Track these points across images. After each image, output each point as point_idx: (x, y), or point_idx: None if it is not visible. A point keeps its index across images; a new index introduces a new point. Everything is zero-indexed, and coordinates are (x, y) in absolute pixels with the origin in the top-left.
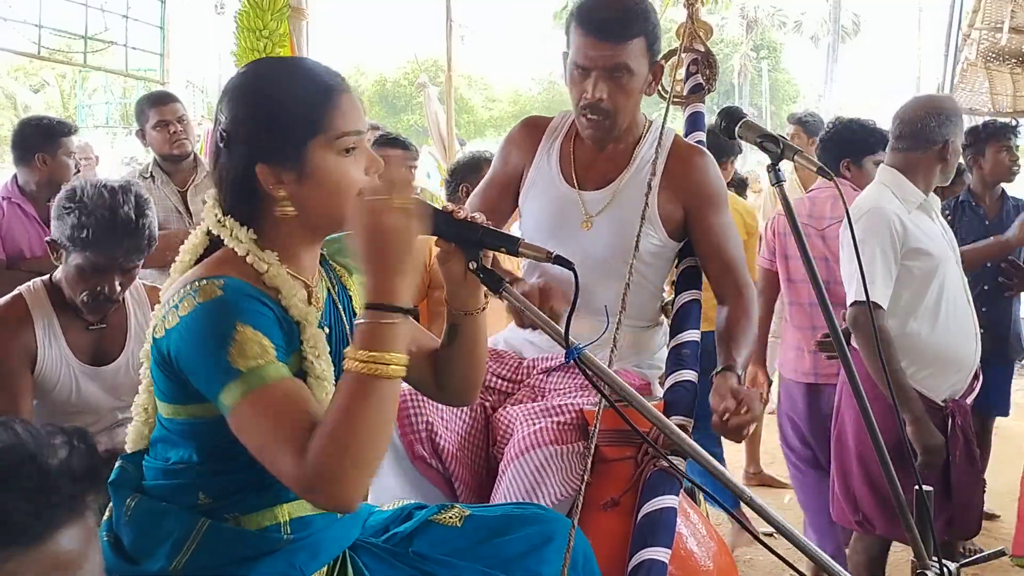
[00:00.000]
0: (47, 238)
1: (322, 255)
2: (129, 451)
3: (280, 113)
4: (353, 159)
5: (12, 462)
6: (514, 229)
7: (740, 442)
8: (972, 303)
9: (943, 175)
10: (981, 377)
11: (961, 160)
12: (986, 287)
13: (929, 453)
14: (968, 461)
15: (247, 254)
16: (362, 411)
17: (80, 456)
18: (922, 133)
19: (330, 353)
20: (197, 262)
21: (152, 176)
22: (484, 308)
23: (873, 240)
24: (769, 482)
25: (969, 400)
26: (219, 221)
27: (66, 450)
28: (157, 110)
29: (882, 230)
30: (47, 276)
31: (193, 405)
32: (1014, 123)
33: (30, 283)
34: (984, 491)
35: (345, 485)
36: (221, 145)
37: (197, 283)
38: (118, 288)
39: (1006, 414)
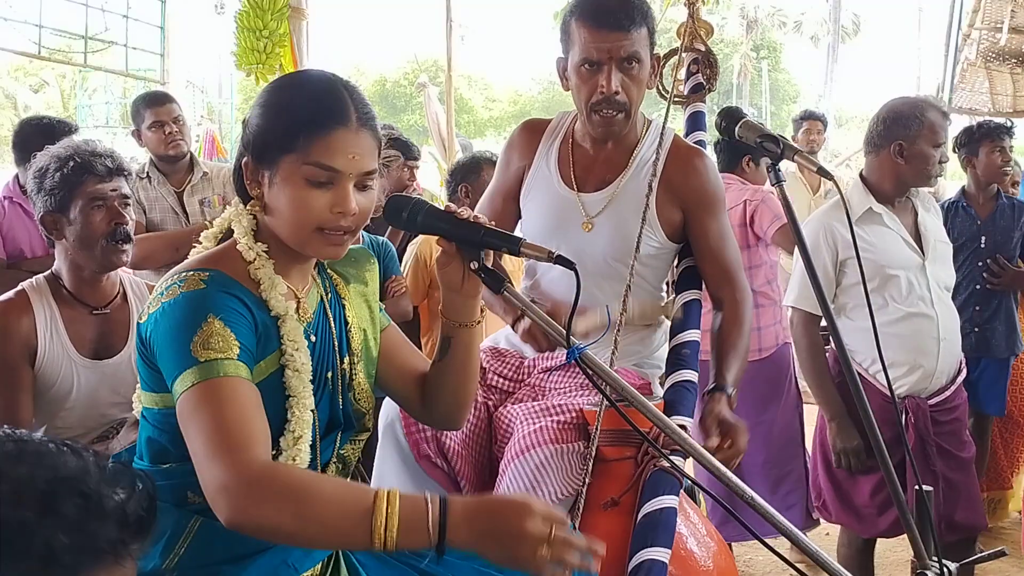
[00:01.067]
0: (40, 217)
1: (320, 263)
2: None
3: (273, 119)
4: (321, 192)
5: (68, 492)
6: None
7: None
8: (936, 307)
9: (913, 178)
10: (958, 380)
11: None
12: (978, 287)
13: (844, 454)
14: (922, 462)
15: (243, 237)
16: (334, 512)
17: (137, 503)
18: (870, 137)
19: (312, 360)
20: None
21: (148, 176)
22: (479, 321)
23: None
24: None
25: (934, 401)
26: (236, 205)
27: (127, 494)
28: (152, 111)
29: (812, 241)
30: (48, 271)
31: (168, 393)
32: (1009, 123)
33: (32, 279)
34: (963, 495)
35: (259, 518)
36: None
37: (185, 273)
38: (126, 217)
39: (1001, 414)
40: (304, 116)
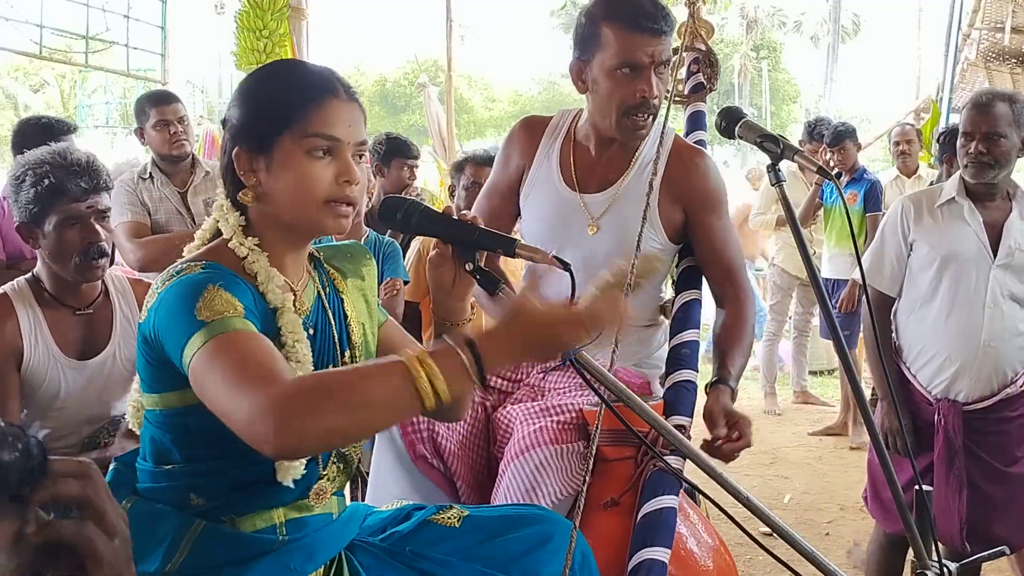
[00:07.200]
0: (16, 225)
1: (317, 258)
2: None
3: (261, 102)
4: (324, 163)
5: None
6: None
7: (728, 463)
8: (986, 311)
9: (962, 169)
10: (1006, 391)
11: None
12: None
13: (888, 434)
14: (946, 465)
15: (232, 236)
16: (377, 390)
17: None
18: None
19: (312, 354)
20: None
21: (151, 176)
22: (470, 319)
23: (883, 227)
24: None
25: (974, 408)
26: (221, 205)
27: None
28: (158, 110)
29: (890, 218)
30: (28, 273)
31: (169, 393)
32: None
33: (13, 282)
34: (1000, 510)
35: (308, 427)
36: (224, 132)
37: (180, 266)
38: (102, 234)
39: None
40: (297, 92)
